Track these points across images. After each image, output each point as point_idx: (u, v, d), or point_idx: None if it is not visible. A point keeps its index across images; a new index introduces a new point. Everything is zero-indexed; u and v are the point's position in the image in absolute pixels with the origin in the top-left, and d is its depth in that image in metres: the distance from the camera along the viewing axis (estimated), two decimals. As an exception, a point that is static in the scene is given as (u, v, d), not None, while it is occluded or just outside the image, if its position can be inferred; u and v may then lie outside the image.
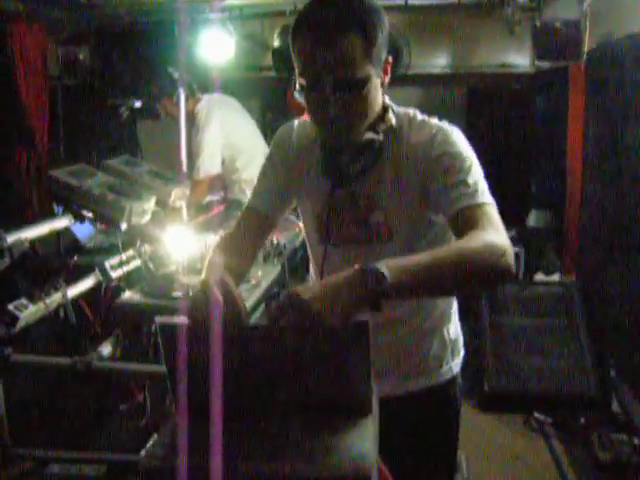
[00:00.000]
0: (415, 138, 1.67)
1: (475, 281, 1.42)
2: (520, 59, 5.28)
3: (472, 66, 5.43)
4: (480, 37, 5.29)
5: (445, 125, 1.68)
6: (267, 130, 5.32)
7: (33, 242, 2.74)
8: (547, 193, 5.56)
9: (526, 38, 5.10)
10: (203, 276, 1.55)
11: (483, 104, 6.36)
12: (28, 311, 2.56)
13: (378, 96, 1.63)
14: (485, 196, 1.55)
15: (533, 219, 5.36)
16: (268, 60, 5.40)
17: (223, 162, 4.58)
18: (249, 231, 1.84)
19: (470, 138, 1.70)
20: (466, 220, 1.51)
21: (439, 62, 5.42)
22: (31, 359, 2.56)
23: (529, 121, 6.07)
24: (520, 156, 5.98)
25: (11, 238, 2.51)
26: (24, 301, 2.59)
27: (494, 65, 5.34)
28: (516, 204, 5.25)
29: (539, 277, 4.88)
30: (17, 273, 3.43)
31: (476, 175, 1.59)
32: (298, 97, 1.60)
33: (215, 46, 4.81)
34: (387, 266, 1.28)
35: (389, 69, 1.62)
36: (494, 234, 1.43)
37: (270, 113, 6.24)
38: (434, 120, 1.71)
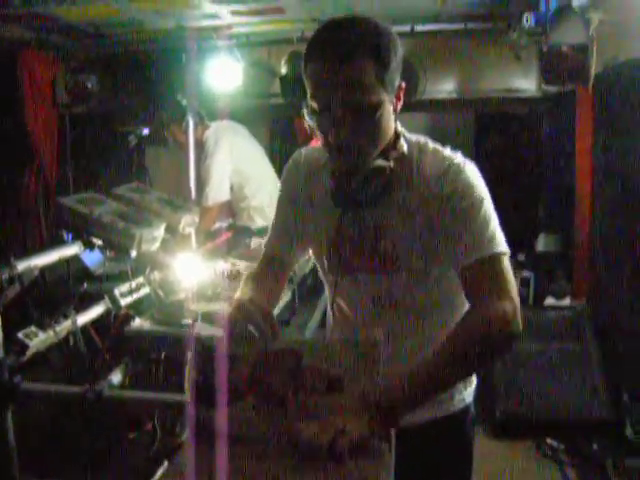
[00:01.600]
0: (427, 169, 1.65)
1: (486, 360, 1.53)
2: (527, 84, 5.29)
3: (479, 91, 5.44)
4: (487, 62, 5.31)
5: (459, 158, 1.66)
6: (275, 156, 5.35)
7: (42, 270, 2.73)
8: (556, 217, 5.55)
9: (532, 63, 5.12)
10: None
11: (490, 129, 6.38)
12: (38, 339, 2.54)
13: (390, 122, 1.62)
14: (494, 245, 1.54)
15: (542, 243, 5.34)
16: (275, 87, 5.43)
17: (231, 189, 4.60)
18: (269, 274, 1.88)
19: (478, 162, 1.68)
20: (472, 278, 1.54)
21: (446, 87, 5.43)
22: (41, 388, 2.54)
23: (536, 145, 6.08)
24: (528, 180, 5.98)
25: (21, 265, 2.49)
26: (34, 329, 2.57)
27: (501, 90, 5.35)
28: (524, 228, 5.24)
29: (549, 301, 4.85)
30: (27, 300, 3.43)
31: (486, 218, 1.57)
32: (309, 121, 1.60)
33: (222, 73, 4.86)
34: (395, 390, 1.34)
35: (402, 95, 1.61)
36: (499, 300, 1.46)
37: (278, 140, 6.27)
38: (447, 151, 1.69)
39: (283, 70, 5.10)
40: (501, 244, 1.56)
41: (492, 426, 4.18)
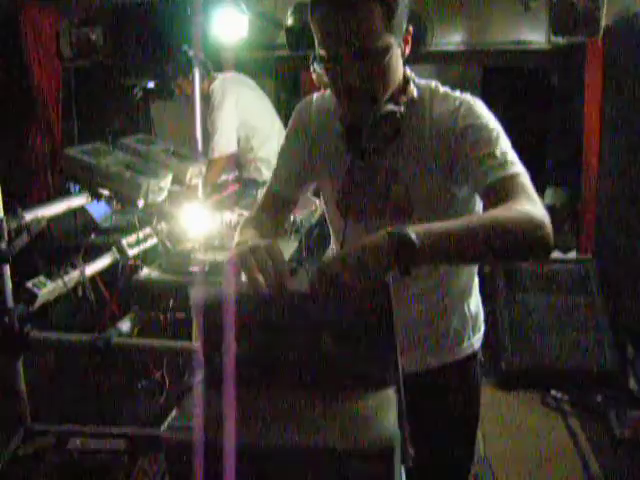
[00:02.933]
0: (437, 110, 1.65)
1: (510, 250, 1.37)
2: (535, 36, 5.22)
3: (487, 43, 5.38)
4: (495, 14, 5.24)
5: (468, 97, 1.66)
6: (280, 109, 5.30)
7: (49, 221, 2.74)
8: (563, 170, 5.52)
9: (541, 14, 5.04)
10: (236, 247, 1.52)
11: (498, 81, 6.32)
12: (46, 289, 2.56)
13: (399, 66, 1.60)
14: (516, 166, 1.51)
15: (549, 197, 5.33)
16: (281, 39, 5.36)
17: (238, 141, 4.58)
18: (270, 214, 1.86)
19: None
20: (499, 193, 1.47)
21: (454, 39, 5.38)
22: (50, 336, 2.57)
23: (545, 98, 6.02)
24: (535, 134, 5.93)
25: (29, 216, 2.51)
26: (42, 278, 2.59)
27: (509, 42, 5.28)
28: (532, 182, 5.21)
29: (555, 255, 4.85)
30: (35, 251, 3.45)
31: (504, 145, 1.56)
32: (317, 68, 1.59)
33: (228, 25, 4.78)
34: (416, 230, 1.25)
35: (410, 39, 1.59)
36: (530, 205, 1.39)
37: (283, 92, 6.22)
38: (456, 92, 1.68)
39: (289, 21, 5.03)
40: (523, 168, 1.53)
41: (497, 377, 4.22)
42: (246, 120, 4.57)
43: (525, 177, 1.50)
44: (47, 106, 5.19)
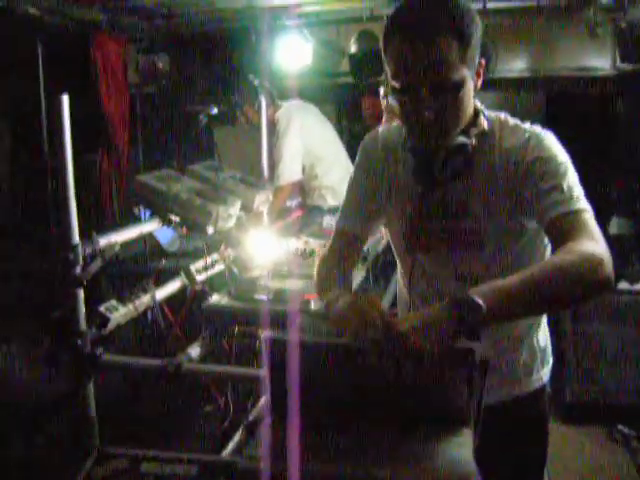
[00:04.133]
0: (508, 143, 1.64)
1: (573, 296, 1.43)
2: (601, 62, 5.16)
3: (551, 70, 5.32)
4: (559, 40, 5.19)
5: (538, 129, 1.65)
6: (342, 136, 5.32)
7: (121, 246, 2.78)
8: (629, 199, 5.41)
9: (607, 40, 4.98)
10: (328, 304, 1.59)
11: (562, 108, 6.22)
12: (118, 313, 2.59)
13: (472, 99, 1.60)
14: (580, 202, 1.51)
15: (615, 226, 5.21)
16: (343, 66, 5.42)
17: (303, 169, 4.62)
18: (341, 252, 1.88)
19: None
20: (561, 228, 1.49)
21: (517, 66, 5.34)
22: (122, 360, 2.60)
23: (610, 125, 5.92)
24: (600, 162, 5.83)
25: (103, 241, 2.55)
26: (114, 303, 2.63)
27: (574, 68, 5.23)
28: (597, 211, 5.11)
29: (623, 286, 4.73)
30: (102, 274, 3.52)
31: (571, 180, 1.55)
32: (390, 100, 1.59)
33: (292, 52, 4.85)
34: (481, 293, 1.32)
35: (482, 72, 1.59)
36: (590, 243, 1.41)
37: (345, 119, 6.25)
38: (526, 124, 1.68)
39: (352, 49, 5.07)
40: (588, 205, 1.53)
41: (562, 410, 4.12)
42: (311, 148, 4.60)
43: (589, 213, 1.50)
44: (115, 131, 5.31)
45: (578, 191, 1.54)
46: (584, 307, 4.42)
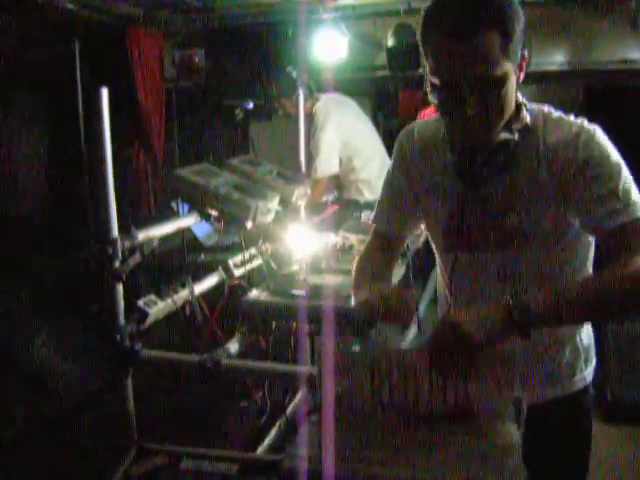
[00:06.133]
0: (553, 137, 1.59)
1: (626, 313, 1.53)
2: (642, 54, 5.04)
3: (591, 63, 5.21)
4: (600, 32, 5.07)
5: (586, 124, 1.59)
6: (378, 130, 5.27)
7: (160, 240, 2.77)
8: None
9: (649, 32, 4.88)
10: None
11: (602, 103, 6.11)
12: (157, 307, 2.58)
13: (514, 94, 1.55)
14: (638, 209, 1.48)
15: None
16: (380, 60, 5.35)
17: (340, 162, 4.59)
18: (379, 252, 1.89)
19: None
20: (619, 240, 1.48)
21: (556, 59, 5.24)
22: (161, 355, 2.59)
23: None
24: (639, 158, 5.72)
25: (141, 235, 2.54)
26: (153, 297, 2.61)
27: (615, 61, 5.11)
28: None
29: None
30: (139, 269, 3.51)
31: (627, 183, 1.52)
32: (430, 97, 1.55)
33: (328, 46, 4.82)
34: (535, 299, 1.37)
35: (524, 65, 1.54)
36: None
37: (381, 113, 6.20)
38: (572, 118, 1.62)
39: (390, 42, 5.01)
40: None
41: (602, 409, 4.04)
42: (348, 141, 4.57)
43: None
44: (151, 125, 5.32)
45: (635, 196, 1.50)
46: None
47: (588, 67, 5.28)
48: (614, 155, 1.55)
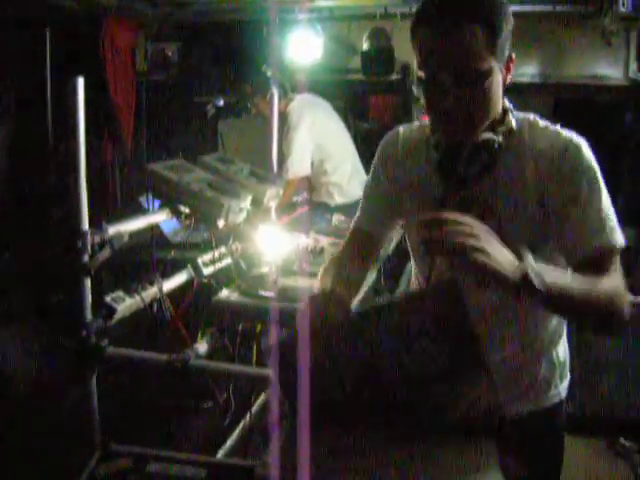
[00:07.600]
0: (539, 144, 1.59)
1: (601, 321, 1.50)
2: (613, 71, 5.12)
3: (562, 76, 5.28)
4: (572, 47, 5.15)
5: (574, 136, 1.59)
6: (350, 133, 5.27)
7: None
8: (635, 211, 5.38)
9: (621, 49, 4.95)
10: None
11: (569, 116, 6.19)
12: (125, 304, 2.53)
13: (499, 93, 1.55)
14: (614, 235, 1.52)
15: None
16: (354, 63, 5.36)
17: (312, 164, 4.57)
18: (356, 252, 1.86)
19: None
20: (594, 261, 1.50)
21: (528, 71, 5.29)
22: (127, 353, 2.54)
23: (617, 135, 5.89)
24: (607, 171, 5.80)
25: (112, 230, 2.49)
26: (121, 294, 2.57)
27: (586, 76, 5.19)
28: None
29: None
30: (108, 265, 3.45)
31: (608, 208, 1.53)
32: (415, 91, 1.56)
33: (303, 46, 4.79)
34: (547, 274, 1.35)
35: (512, 67, 1.55)
36: (621, 284, 1.49)
37: (352, 116, 6.20)
38: (559, 128, 1.62)
39: (365, 46, 5.02)
40: (621, 238, 1.53)
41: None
42: (321, 143, 4.56)
43: (619, 251, 1.53)
44: (121, 119, 5.24)
45: (613, 220, 1.53)
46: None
47: (559, 81, 5.33)
48: (598, 175, 1.56)
